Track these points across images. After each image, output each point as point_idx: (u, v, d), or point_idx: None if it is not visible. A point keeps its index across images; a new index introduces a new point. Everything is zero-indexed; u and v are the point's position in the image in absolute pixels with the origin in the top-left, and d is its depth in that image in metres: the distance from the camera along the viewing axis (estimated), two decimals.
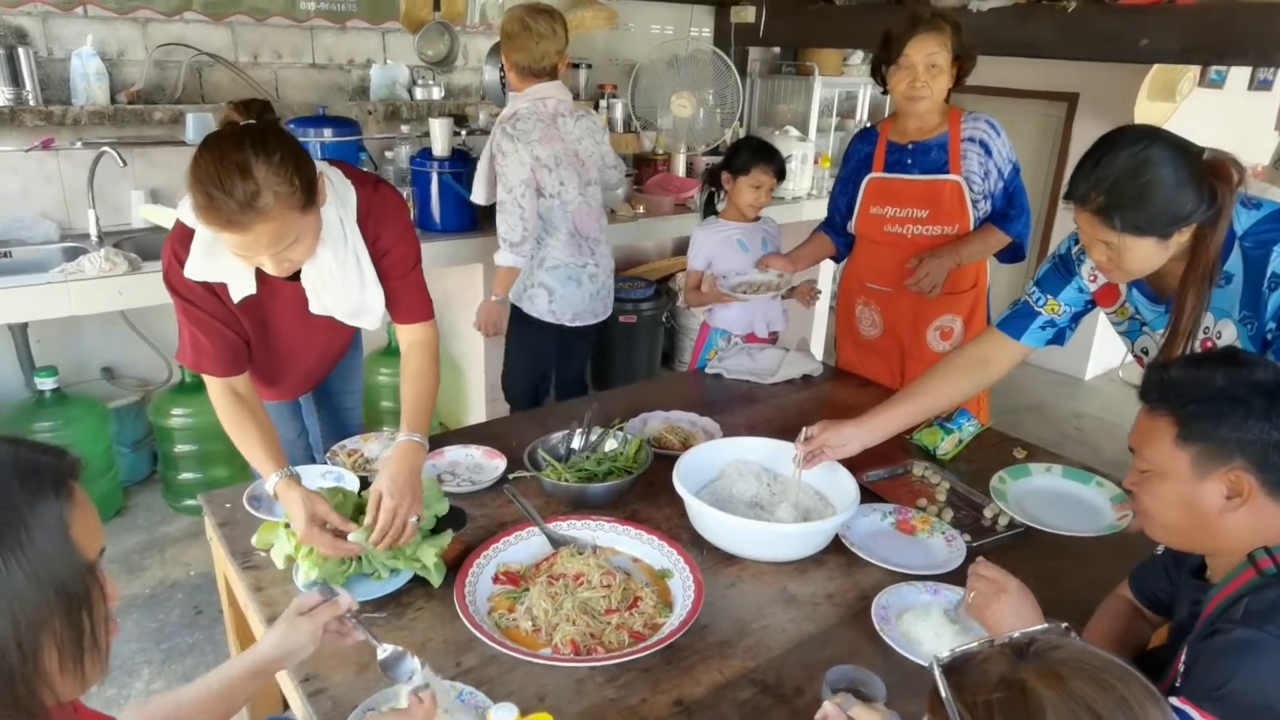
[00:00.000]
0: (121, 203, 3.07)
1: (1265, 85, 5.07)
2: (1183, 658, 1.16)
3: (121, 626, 0.81)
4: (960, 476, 2.00)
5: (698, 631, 1.42)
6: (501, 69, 3.33)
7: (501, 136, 2.65)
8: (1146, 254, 1.43)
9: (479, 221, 3.24)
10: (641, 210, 3.66)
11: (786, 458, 1.82)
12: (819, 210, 4.34)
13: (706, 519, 1.63)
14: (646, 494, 1.85)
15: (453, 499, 1.72)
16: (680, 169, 4.05)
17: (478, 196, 2.89)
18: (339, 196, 1.62)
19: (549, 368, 3.09)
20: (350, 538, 1.49)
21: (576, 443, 1.97)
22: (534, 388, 3.05)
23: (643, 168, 4.05)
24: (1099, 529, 1.77)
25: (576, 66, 3.90)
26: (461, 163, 3.11)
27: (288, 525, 1.52)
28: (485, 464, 1.97)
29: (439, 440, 2.03)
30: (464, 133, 3.36)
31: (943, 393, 1.86)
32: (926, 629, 1.42)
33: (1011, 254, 2.52)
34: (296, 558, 1.48)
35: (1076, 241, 1.72)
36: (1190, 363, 1.17)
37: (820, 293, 2.82)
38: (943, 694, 0.73)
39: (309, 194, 1.45)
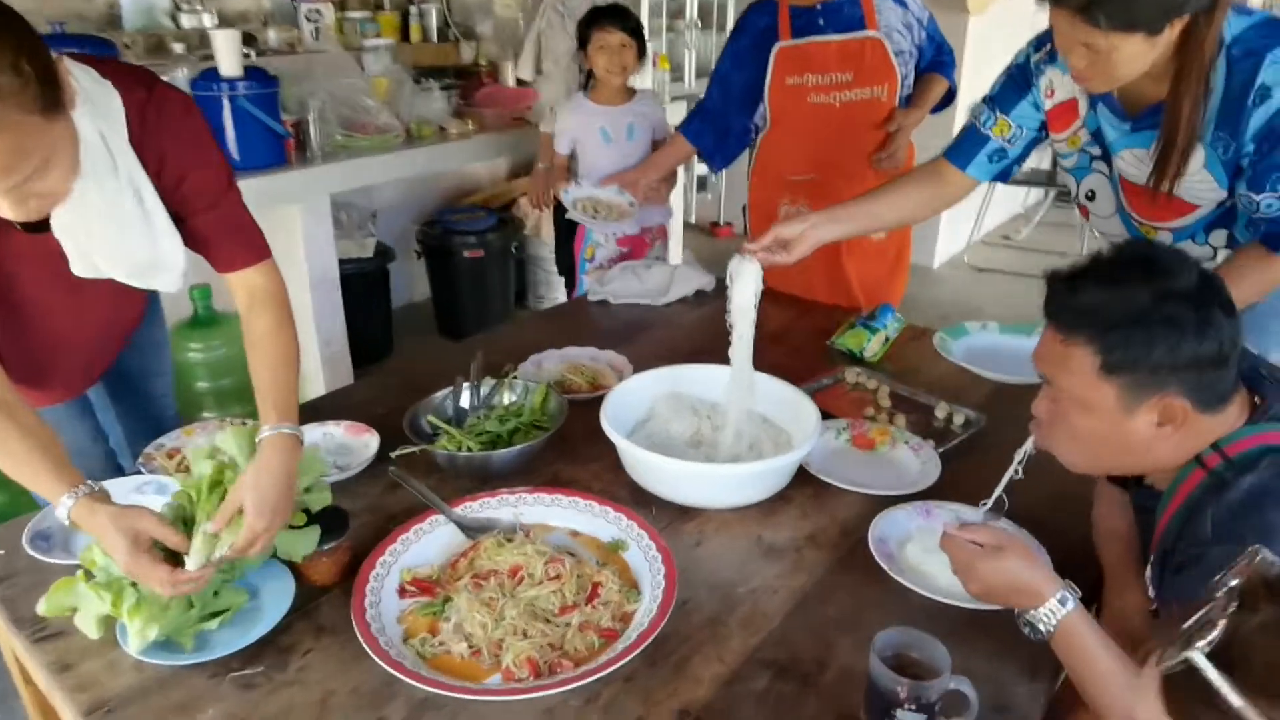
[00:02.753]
0: None
1: None
2: (1151, 587, 1.05)
3: None
4: (890, 378, 1.82)
5: (678, 612, 1.13)
6: None
7: (550, 11, 2.96)
8: (1133, 54, 1.24)
9: (288, 154, 2.69)
10: (472, 126, 3.21)
11: (721, 384, 1.55)
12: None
13: (656, 470, 1.33)
14: (562, 451, 1.52)
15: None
16: (510, 79, 3.61)
17: (524, 71, 3.18)
18: (96, 107, 1.13)
19: None
20: (189, 563, 1.07)
21: (465, 400, 1.61)
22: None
23: (466, 81, 3.57)
24: None
25: None
26: (262, 82, 2.53)
27: (90, 575, 1.08)
28: (351, 443, 1.56)
29: None
30: (253, 54, 2.76)
31: (901, 202, 1.66)
32: (938, 560, 1.20)
33: (945, 104, 2.38)
34: (120, 616, 1.05)
35: (1036, 49, 1.52)
36: (1105, 279, 0.98)
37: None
38: (1228, 696, 0.49)
39: (49, 88, 0.98)
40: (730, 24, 4.32)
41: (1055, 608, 0.98)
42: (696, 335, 2.07)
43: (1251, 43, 1.26)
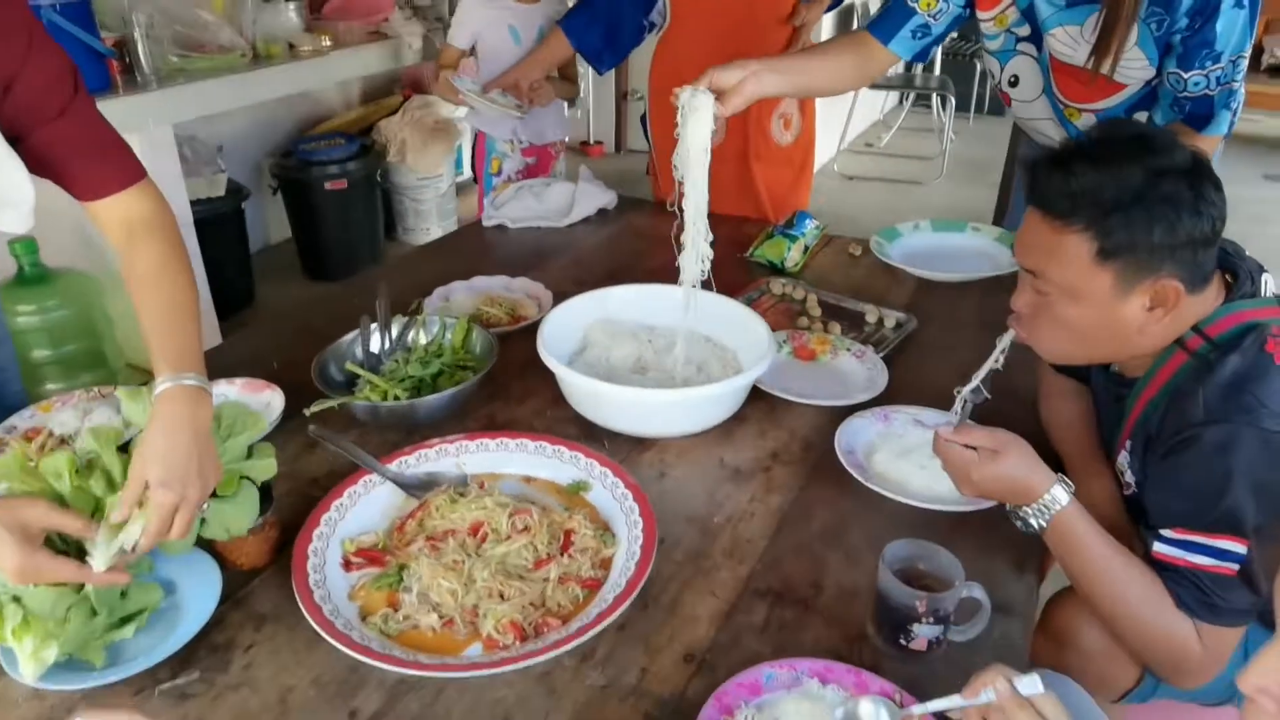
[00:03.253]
0: None
1: None
2: (1130, 473, 1.05)
3: None
4: (814, 286, 1.78)
5: (658, 549, 1.05)
6: None
7: None
8: None
9: (113, 78, 2.32)
10: (328, 42, 2.89)
11: (659, 305, 1.46)
12: None
13: (610, 402, 1.23)
14: (492, 391, 1.40)
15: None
16: None
17: None
18: None
19: None
20: (93, 562, 0.90)
21: (375, 344, 1.44)
22: None
23: None
24: (1007, 268, 1.70)
25: None
26: None
27: None
28: (250, 402, 1.37)
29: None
30: None
31: (830, 65, 1.56)
32: (909, 465, 1.18)
33: (835, 2, 2.30)
34: (3, 640, 0.87)
35: None
36: (1098, 160, 0.93)
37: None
38: None
39: None
40: None
41: (1050, 502, 0.97)
42: (607, 256, 1.96)
43: None
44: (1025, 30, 1.47)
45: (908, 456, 1.18)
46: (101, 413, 1.30)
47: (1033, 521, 0.99)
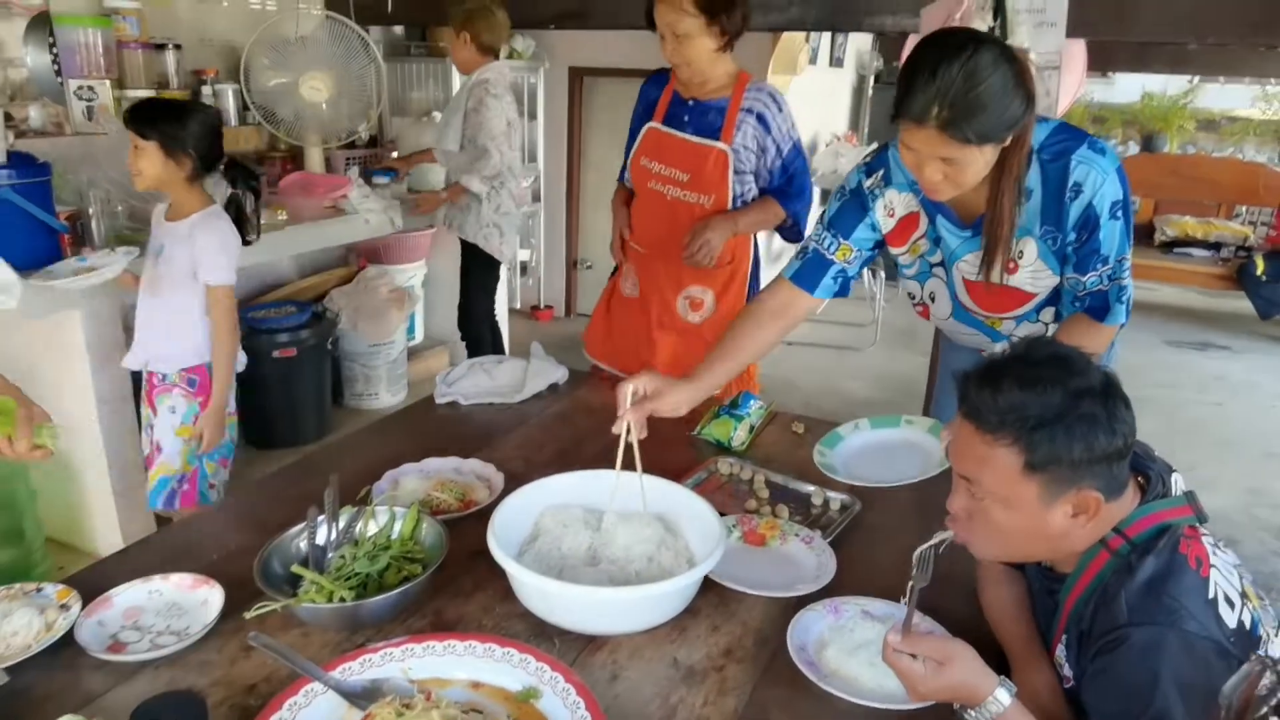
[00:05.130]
0: None
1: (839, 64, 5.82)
2: (1068, 666, 1.09)
3: None
4: (760, 465, 1.82)
5: None
6: None
7: (486, 95, 3.20)
8: (986, 162, 1.37)
9: (63, 252, 2.34)
10: (284, 216, 2.98)
11: (609, 489, 1.47)
12: None
13: (564, 601, 1.22)
14: (439, 584, 1.37)
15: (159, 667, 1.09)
16: (317, 164, 3.40)
17: (451, 143, 3.31)
18: None
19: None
20: None
21: (322, 536, 1.42)
22: (491, 322, 3.68)
23: (269, 167, 3.33)
24: (937, 466, 1.72)
25: (162, 48, 3.06)
26: (31, 170, 2.20)
27: None
28: (186, 601, 1.32)
29: (88, 581, 1.32)
30: (12, 135, 2.41)
31: (755, 340, 1.74)
32: (859, 662, 1.18)
33: (791, 234, 2.43)
34: None
35: (868, 175, 1.62)
36: (1023, 379, 1.01)
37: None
38: None
39: None
40: None
41: (993, 705, 0.98)
42: (559, 433, 1.98)
43: (1056, 147, 1.44)
44: (937, 257, 1.62)
45: (857, 653, 1.19)
46: (22, 615, 1.23)
47: None
